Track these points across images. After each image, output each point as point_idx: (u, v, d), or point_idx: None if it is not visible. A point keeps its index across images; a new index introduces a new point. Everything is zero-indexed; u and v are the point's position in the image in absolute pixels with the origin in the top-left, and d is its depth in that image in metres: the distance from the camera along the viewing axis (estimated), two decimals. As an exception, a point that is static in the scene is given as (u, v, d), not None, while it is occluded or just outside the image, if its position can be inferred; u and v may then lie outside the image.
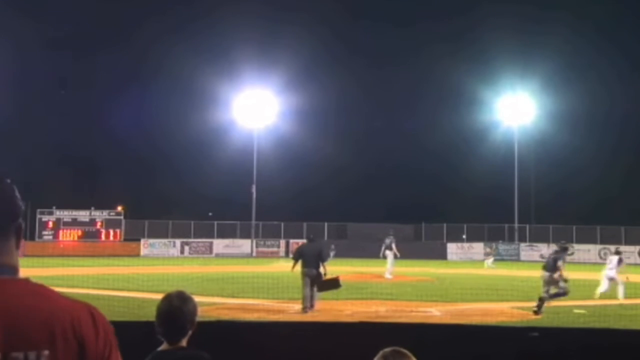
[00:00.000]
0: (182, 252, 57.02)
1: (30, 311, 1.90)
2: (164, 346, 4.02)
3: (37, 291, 1.99)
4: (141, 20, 70.20)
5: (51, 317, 1.93)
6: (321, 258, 18.32)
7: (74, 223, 56.64)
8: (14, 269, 2.00)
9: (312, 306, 17.78)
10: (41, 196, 61.37)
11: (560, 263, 17.98)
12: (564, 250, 19.26)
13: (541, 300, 17.69)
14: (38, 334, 1.89)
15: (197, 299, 3.89)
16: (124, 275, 28.60)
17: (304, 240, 25.45)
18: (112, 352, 2.03)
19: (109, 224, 57.25)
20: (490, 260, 44.52)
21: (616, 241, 54.98)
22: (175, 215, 63.40)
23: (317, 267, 18.01)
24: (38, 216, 56.48)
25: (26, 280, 2.00)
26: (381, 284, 25.89)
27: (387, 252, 31.54)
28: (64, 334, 1.92)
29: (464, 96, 68.69)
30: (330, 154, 69.79)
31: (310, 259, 18.19)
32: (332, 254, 39.63)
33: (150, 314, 4.22)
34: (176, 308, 3.99)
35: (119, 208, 61.43)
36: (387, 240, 32.03)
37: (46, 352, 1.89)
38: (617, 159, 67.73)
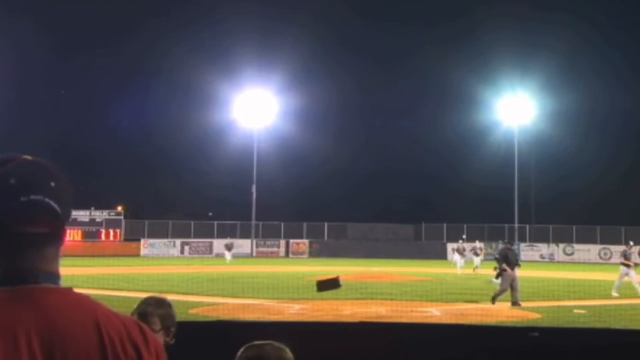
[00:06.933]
0: (182, 252, 57.01)
1: (75, 326, 1.60)
2: None
3: (83, 303, 1.66)
4: (141, 20, 70.27)
5: (99, 332, 1.62)
6: (499, 259, 22.12)
7: (74, 223, 56.53)
8: (57, 276, 1.66)
9: (493, 299, 20.54)
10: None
11: None
12: None
13: None
14: (83, 351, 1.59)
15: (197, 299, 3.88)
16: (124, 275, 28.59)
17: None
18: None
19: (109, 224, 57.24)
20: (478, 259, 39.71)
21: (616, 241, 54.96)
22: (175, 215, 63.37)
23: (500, 267, 21.49)
24: (38, 216, 56.45)
25: (69, 290, 1.66)
26: (381, 284, 25.86)
27: None
28: (114, 351, 1.62)
29: (464, 96, 68.76)
30: (330, 154, 69.74)
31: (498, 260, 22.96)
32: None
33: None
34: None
35: (119, 208, 61.43)
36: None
37: None
38: (617, 159, 67.72)
